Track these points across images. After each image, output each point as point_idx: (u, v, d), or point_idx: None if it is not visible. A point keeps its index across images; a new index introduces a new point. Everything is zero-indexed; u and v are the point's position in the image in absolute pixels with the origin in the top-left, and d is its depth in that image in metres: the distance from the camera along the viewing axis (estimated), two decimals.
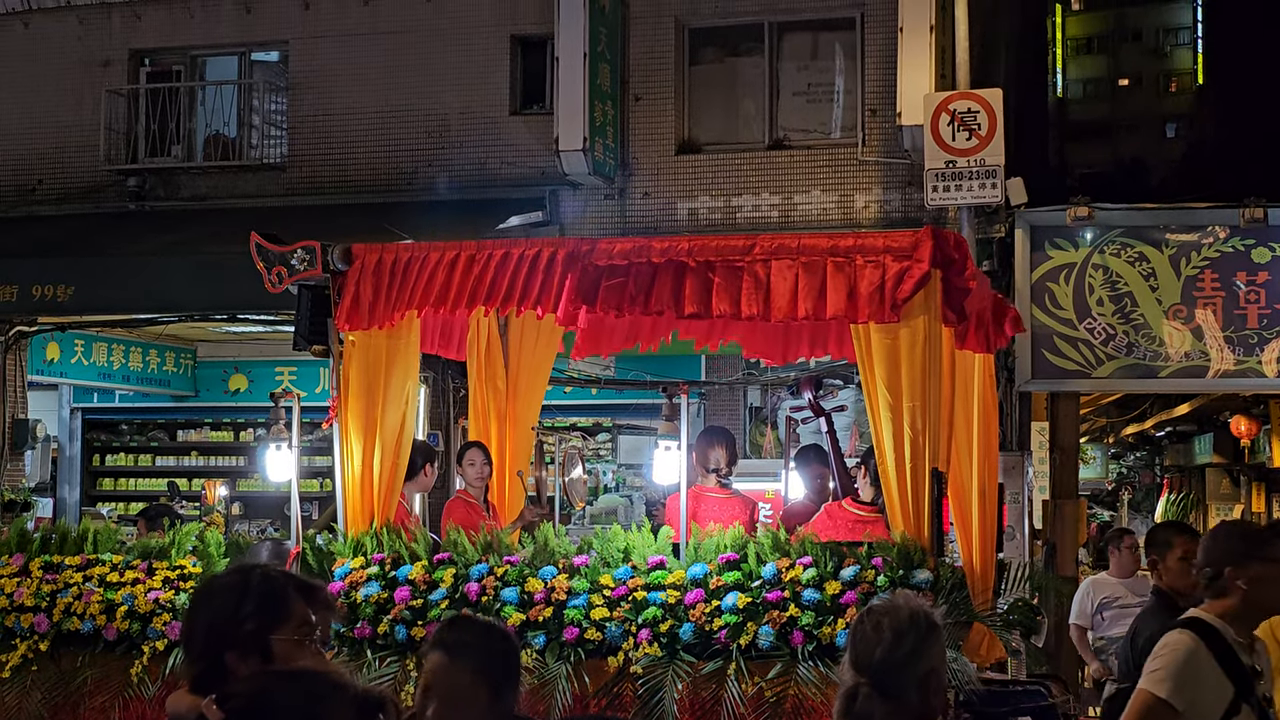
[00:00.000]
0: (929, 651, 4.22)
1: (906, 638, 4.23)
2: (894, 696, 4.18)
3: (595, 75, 15.89)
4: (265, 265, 8.53)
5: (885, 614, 4.26)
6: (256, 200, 17.33)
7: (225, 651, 3.64)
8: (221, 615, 3.70)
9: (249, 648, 3.64)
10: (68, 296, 15.67)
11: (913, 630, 4.25)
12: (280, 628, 3.69)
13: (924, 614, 4.30)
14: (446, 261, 8.23)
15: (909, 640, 4.23)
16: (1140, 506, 27.74)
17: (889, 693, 4.17)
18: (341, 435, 8.44)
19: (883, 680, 4.19)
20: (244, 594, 3.72)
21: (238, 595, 3.72)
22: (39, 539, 8.98)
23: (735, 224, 16.01)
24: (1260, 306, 13.79)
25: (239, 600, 3.70)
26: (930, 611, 4.33)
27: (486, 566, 7.98)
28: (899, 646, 4.22)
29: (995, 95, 13.81)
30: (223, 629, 3.68)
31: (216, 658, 3.65)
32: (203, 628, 3.73)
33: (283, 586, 3.80)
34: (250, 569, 3.93)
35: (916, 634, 4.24)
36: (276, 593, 3.76)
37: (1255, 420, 19.85)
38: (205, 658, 3.69)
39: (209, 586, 3.89)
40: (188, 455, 21.33)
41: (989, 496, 8.33)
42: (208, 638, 3.70)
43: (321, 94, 17.64)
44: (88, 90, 18.17)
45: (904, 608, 4.34)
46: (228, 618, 3.68)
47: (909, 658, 4.20)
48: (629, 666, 7.48)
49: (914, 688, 4.18)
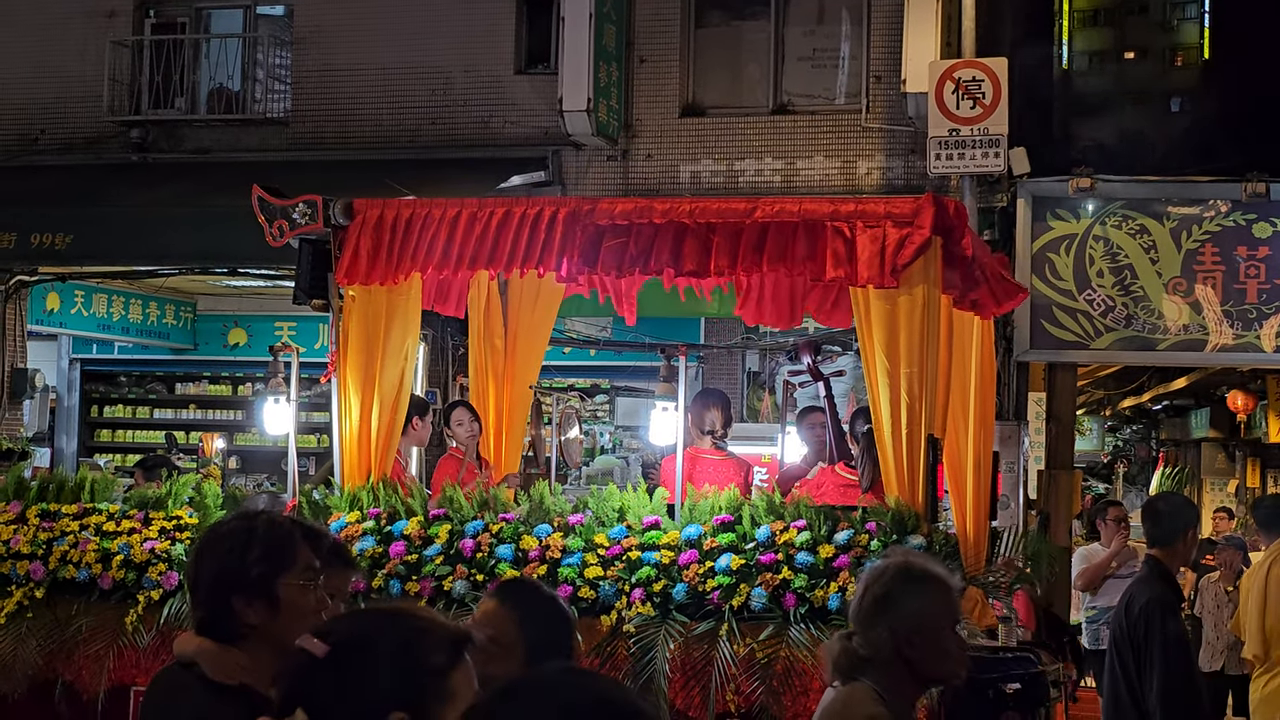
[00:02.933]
0: (900, 601, 4.27)
1: (872, 587, 4.32)
2: (868, 644, 4.26)
3: (600, 36, 15.85)
4: (266, 219, 8.53)
5: (872, 568, 4.31)
6: (259, 154, 17.31)
7: (232, 596, 3.66)
8: (229, 560, 3.71)
9: (255, 592, 3.66)
10: (66, 245, 15.68)
11: (879, 581, 4.32)
12: (287, 573, 3.71)
13: (898, 566, 4.37)
14: (448, 219, 8.24)
15: (874, 589, 4.31)
16: (1135, 480, 27.81)
17: (864, 641, 4.26)
18: (340, 390, 8.46)
19: (858, 628, 4.29)
20: (250, 539, 3.74)
21: (244, 540, 3.74)
22: (36, 487, 9.00)
23: (738, 188, 16.00)
24: (1260, 281, 13.79)
25: (246, 545, 3.72)
26: (909, 565, 4.38)
27: (482, 523, 8.01)
28: (865, 595, 4.32)
29: (1000, 64, 13.79)
30: (230, 574, 3.69)
31: (223, 602, 3.67)
32: (210, 572, 3.74)
33: (289, 532, 3.82)
34: (256, 514, 3.96)
35: (883, 584, 4.31)
36: (283, 538, 3.78)
37: (1252, 395, 19.89)
38: (212, 602, 3.71)
39: (216, 532, 3.89)
40: (186, 408, 21.35)
41: (984, 465, 8.36)
42: (215, 582, 3.72)
43: (326, 49, 17.59)
44: (92, 41, 18.12)
45: (885, 561, 4.39)
46: (235, 563, 3.70)
47: (876, 605, 4.27)
48: (622, 625, 7.51)
49: (885, 638, 4.24)
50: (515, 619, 4.11)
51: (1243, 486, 23.49)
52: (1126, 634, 7.14)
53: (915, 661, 4.31)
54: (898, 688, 4.31)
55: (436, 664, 2.70)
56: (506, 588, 4.58)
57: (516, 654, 4.00)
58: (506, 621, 4.10)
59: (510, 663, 3.90)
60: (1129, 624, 7.14)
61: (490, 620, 4.09)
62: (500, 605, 4.18)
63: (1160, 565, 7.33)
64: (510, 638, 4.05)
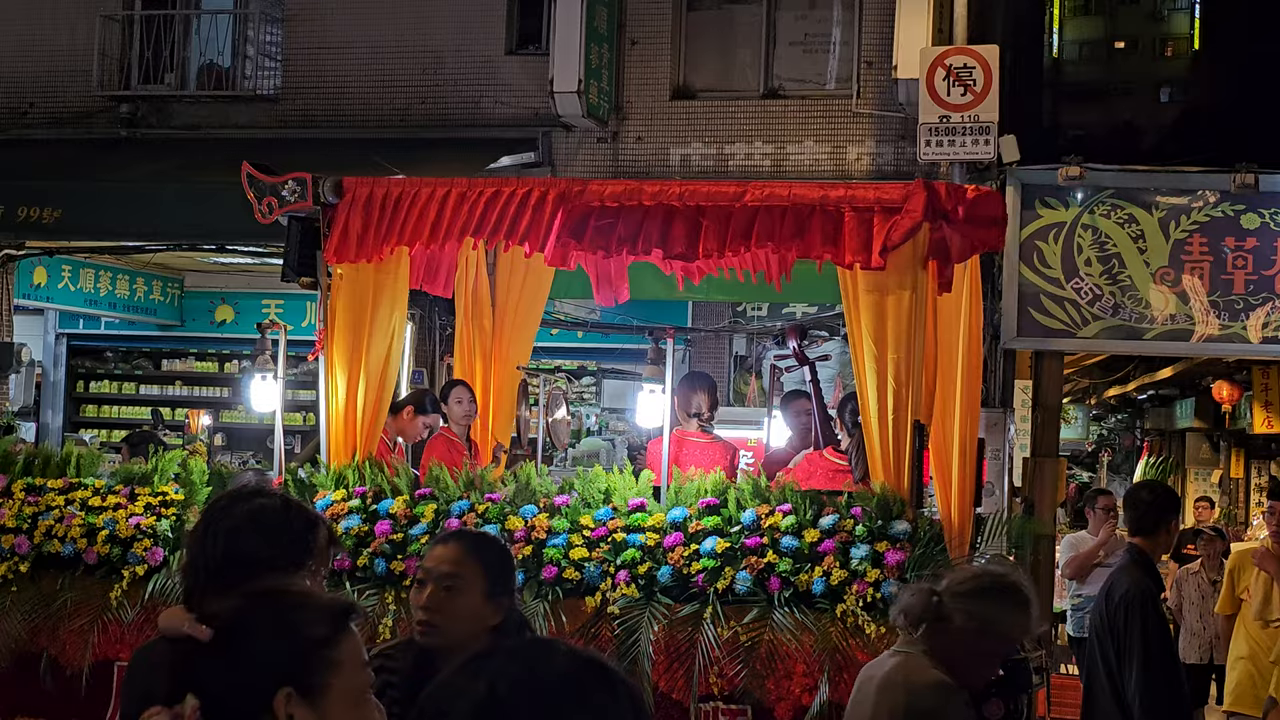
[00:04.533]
0: (997, 603, 4.65)
1: (985, 578, 4.77)
2: (944, 614, 4.63)
3: (592, 17, 15.83)
4: (256, 195, 8.53)
5: (998, 563, 5.01)
6: (248, 131, 17.27)
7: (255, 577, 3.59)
8: (263, 541, 3.72)
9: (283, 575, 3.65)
10: (54, 220, 15.63)
11: (997, 578, 4.79)
12: (311, 559, 3.77)
13: (1015, 580, 4.77)
14: (437, 198, 8.25)
15: (986, 580, 4.75)
16: (1120, 469, 27.88)
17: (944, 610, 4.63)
18: (327, 368, 8.47)
19: (946, 596, 4.65)
20: (288, 521, 3.77)
21: (281, 522, 3.76)
22: (22, 461, 9.00)
23: (727, 171, 16.00)
24: (1247, 272, 13.80)
25: (282, 528, 3.75)
26: (1020, 585, 4.75)
27: (468, 503, 8.02)
28: (977, 577, 4.77)
29: (992, 52, 13.79)
30: (263, 555, 3.68)
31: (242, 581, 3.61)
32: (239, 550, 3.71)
33: (314, 518, 3.88)
34: (284, 498, 3.94)
35: (996, 581, 4.75)
36: (310, 522, 3.84)
37: (1237, 386, 19.93)
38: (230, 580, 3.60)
39: (241, 509, 3.82)
40: (172, 385, 21.34)
41: (969, 451, 8.36)
42: (241, 561, 3.67)
43: (317, 26, 17.56)
44: (82, 15, 18.06)
45: (1009, 569, 4.93)
46: (268, 544, 3.71)
47: (979, 591, 4.66)
48: (606, 607, 7.54)
49: (961, 620, 4.61)
50: (476, 557, 4.41)
51: (1226, 477, 23.57)
52: (1107, 622, 7.17)
53: (963, 654, 4.61)
54: (939, 665, 4.58)
55: (318, 636, 2.74)
56: (463, 533, 5.55)
57: (479, 587, 4.33)
58: (468, 560, 4.39)
59: (473, 595, 4.33)
60: (1109, 612, 7.17)
61: (452, 559, 4.39)
62: (460, 546, 4.48)
63: (1142, 553, 7.37)
64: (472, 573, 4.36)
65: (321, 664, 2.71)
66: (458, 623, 4.32)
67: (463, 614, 4.34)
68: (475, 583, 4.36)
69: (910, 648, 4.65)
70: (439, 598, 4.34)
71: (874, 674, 4.74)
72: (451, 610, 4.33)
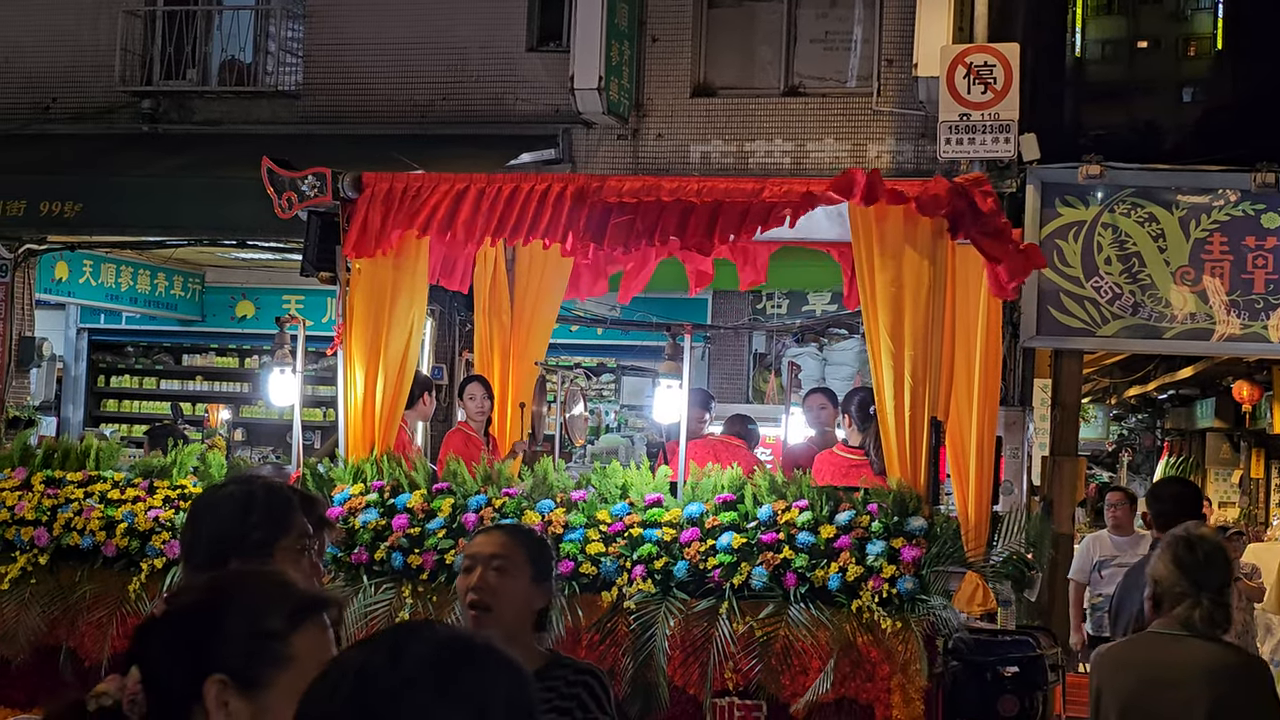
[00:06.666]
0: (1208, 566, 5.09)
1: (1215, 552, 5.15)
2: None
3: (613, 14, 15.83)
4: (276, 190, 8.56)
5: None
6: (270, 127, 17.29)
7: (230, 558, 3.69)
8: (228, 524, 3.75)
9: (253, 555, 3.69)
10: (75, 214, 15.67)
11: (1217, 547, 5.20)
12: (284, 537, 3.77)
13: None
14: (456, 193, 8.26)
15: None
16: (1140, 469, 27.80)
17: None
18: (345, 362, 8.49)
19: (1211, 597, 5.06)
20: (251, 503, 3.78)
21: (245, 504, 3.78)
22: (42, 453, 9.04)
23: (747, 169, 15.99)
24: (1268, 272, 13.78)
25: (246, 509, 3.77)
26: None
27: (485, 498, 8.03)
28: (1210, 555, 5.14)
29: (1012, 50, 13.77)
30: (231, 536, 3.73)
31: (221, 563, 3.69)
32: (210, 534, 3.78)
33: (286, 498, 3.88)
34: (253, 479, 4.00)
35: (1213, 551, 5.15)
36: (280, 503, 3.85)
37: (1258, 386, 19.88)
38: (209, 564, 3.73)
39: (214, 494, 3.94)
40: (192, 380, 21.39)
41: (986, 449, 8.36)
42: (214, 544, 3.75)
43: (339, 22, 17.57)
44: (104, 10, 18.10)
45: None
46: (235, 525, 3.74)
47: (1213, 561, 5.07)
48: (622, 602, 7.55)
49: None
50: (519, 542, 4.55)
51: (1246, 477, 23.50)
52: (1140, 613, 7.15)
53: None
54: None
55: (270, 628, 2.64)
56: (508, 526, 5.69)
57: (525, 571, 4.45)
58: (512, 545, 4.51)
59: (521, 578, 4.44)
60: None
61: (498, 543, 4.52)
62: (503, 533, 4.66)
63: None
64: (518, 557, 4.47)
65: (268, 656, 2.61)
66: (508, 604, 4.38)
67: (513, 594, 4.39)
68: (522, 566, 4.44)
69: (1189, 629, 5.00)
70: (490, 578, 4.39)
71: (1177, 660, 5.02)
72: (502, 590, 4.38)
